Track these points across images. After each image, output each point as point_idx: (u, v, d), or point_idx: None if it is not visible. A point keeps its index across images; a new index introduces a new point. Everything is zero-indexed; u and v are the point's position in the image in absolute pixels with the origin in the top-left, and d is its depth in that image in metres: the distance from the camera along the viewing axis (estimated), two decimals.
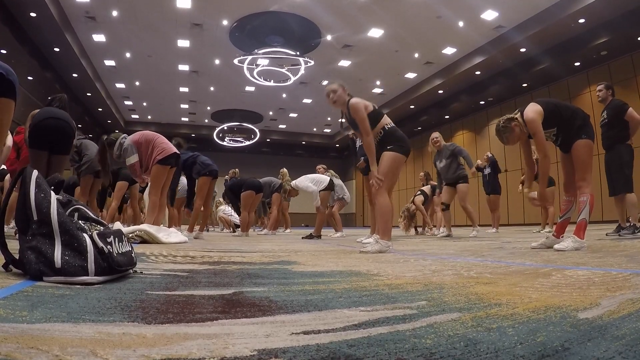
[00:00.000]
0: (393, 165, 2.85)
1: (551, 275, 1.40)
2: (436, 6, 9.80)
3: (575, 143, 2.76)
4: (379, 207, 2.83)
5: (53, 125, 3.44)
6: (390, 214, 2.85)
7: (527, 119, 2.75)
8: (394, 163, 2.85)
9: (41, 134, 3.39)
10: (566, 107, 2.83)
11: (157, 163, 4.07)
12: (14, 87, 2.32)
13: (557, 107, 2.80)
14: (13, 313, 0.76)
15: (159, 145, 4.15)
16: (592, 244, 2.98)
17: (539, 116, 2.73)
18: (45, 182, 1.25)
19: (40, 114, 3.46)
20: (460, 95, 14.82)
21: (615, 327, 0.68)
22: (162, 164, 4.09)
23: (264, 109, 18.87)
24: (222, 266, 1.76)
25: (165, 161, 4.09)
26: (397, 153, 2.86)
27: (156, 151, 4.11)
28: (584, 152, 2.74)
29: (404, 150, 2.89)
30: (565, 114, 2.78)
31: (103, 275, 1.17)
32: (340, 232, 6.64)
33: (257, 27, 11.11)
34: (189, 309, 0.85)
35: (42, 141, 3.41)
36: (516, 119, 2.82)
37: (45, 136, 3.41)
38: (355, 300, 0.98)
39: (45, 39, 10.60)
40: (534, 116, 2.73)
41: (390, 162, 2.84)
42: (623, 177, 4.15)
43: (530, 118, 2.73)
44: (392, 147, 2.87)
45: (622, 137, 4.17)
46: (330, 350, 0.57)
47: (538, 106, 2.77)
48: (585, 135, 2.74)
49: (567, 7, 9.33)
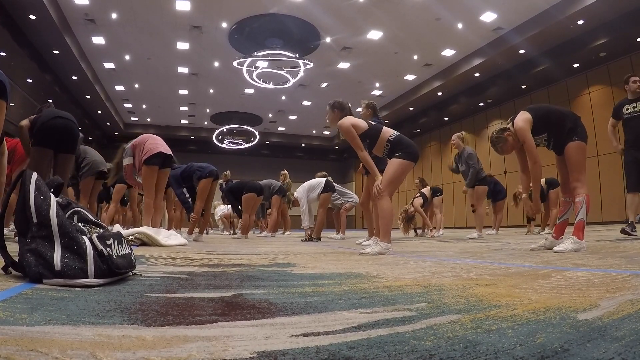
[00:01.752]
0: (399, 171, 2.88)
1: (551, 276, 1.40)
2: (435, 8, 9.81)
3: (567, 146, 2.80)
4: (381, 210, 2.84)
5: (61, 125, 3.43)
6: (392, 216, 2.88)
7: (516, 127, 2.82)
8: (400, 169, 2.88)
9: (48, 133, 3.38)
10: (556, 111, 2.88)
11: (144, 164, 4.11)
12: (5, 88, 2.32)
13: (547, 113, 2.86)
14: (13, 315, 0.76)
15: (146, 147, 4.19)
16: (592, 245, 2.98)
17: (528, 124, 2.80)
18: (45, 185, 1.25)
19: (45, 114, 3.46)
20: (460, 97, 14.83)
21: (615, 328, 0.68)
22: (148, 164, 4.11)
23: (263, 112, 18.87)
24: (222, 268, 1.76)
25: (149, 161, 4.11)
26: (404, 160, 2.88)
27: (142, 152, 4.17)
28: (576, 153, 2.78)
29: (411, 157, 2.92)
30: (554, 118, 2.84)
31: (103, 278, 1.17)
32: (341, 235, 6.64)
33: (256, 30, 11.12)
34: (188, 312, 0.85)
35: (49, 140, 3.39)
36: (508, 129, 2.89)
37: (53, 135, 3.40)
38: (355, 302, 0.98)
39: (45, 42, 10.60)
40: (522, 125, 2.80)
41: (397, 168, 2.87)
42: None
43: (518, 127, 2.81)
44: (400, 154, 2.90)
45: None
46: (329, 352, 0.57)
47: (527, 114, 2.84)
48: (576, 137, 2.78)
49: (566, 9, 9.35)
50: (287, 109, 18.52)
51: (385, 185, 2.82)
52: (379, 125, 3.12)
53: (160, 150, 4.15)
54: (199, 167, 5.47)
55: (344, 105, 3.23)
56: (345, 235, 6.77)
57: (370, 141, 3.00)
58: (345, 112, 3.19)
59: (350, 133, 2.97)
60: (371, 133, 3.00)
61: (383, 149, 2.99)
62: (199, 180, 5.35)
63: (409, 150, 2.92)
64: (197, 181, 5.39)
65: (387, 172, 2.87)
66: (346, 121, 3.03)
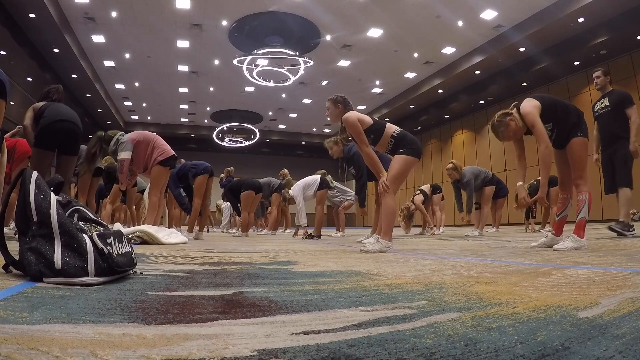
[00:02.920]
0: (404, 167, 2.87)
1: (551, 274, 1.40)
2: (435, 6, 9.80)
3: (571, 141, 2.75)
4: (385, 208, 2.84)
5: (64, 128, 3.40)
6: (394, 215, 2.88)
7: (524, 111, 2.73)
8: (405, 166, 2.87)
9: (51, 135, 3.36)
10: (561, 104, 2.82)
11: (158, 164, 4.14)
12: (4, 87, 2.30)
13: (554, 103, 2.79)
14: (13, 314, 0.76)
15: (159, 147, 4.22)
16: (592, 243, 2.98)
17: (537, 109, 2.72)
18: (45, 184, 1.25)
19: (49, 114, 3.39)
20: (460, 94, 14.83)
21: (615, 326, 0.68)
22: (163, 165, 4.17)
23: (263, 109, 18.87)
24: (222, 266, 1.76)
25: (166, 162, 4.19)
26: (408, 156, 2.87)
27: (157, 152, 4.18)
28: (580, 149, 2.74)
29: (416, 153, 2.90)
30: (560, 110, 2.77)
31: (103, 276, 1.17)
32: (341, 232, 6.64)
33: (257, 28, 11.11)
34: (189, 310, 0.85)
35: (51, 142, 3.38)
36: (512, 113, 2.81)
37: (55, 138, 3.38)
38: (356, 300, 0.98)
39: (45, 40, 10.60)
40: (531, 109, 2.71)
41: (402, 164, 2.86)
42: (626, 170, 4.04)
43: (527, 111, 2.72)
44: (404, 150, 2.89)
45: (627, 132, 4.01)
46: (330, 350, 0.57)
47: (535, 101, 2.76)
48: (580, 133, 2.74)
49: (566, 6, 9.34)
50: (288, 107, 18.51)
51: (391, 181, 2.82)
52: (382, 120, 3.12)
53: (173, 153, 4.30)
54: (193, 164, 5.53)
55: (346, 100, 3.21)
56: (345, 233, 6.77)
57: (375, 136, 2.99)
58: (348, 107, 3.17)
59: (357, 127, 2.95)
60: (376, 128, 2.98)
61: (387, 144, 2.98)
62: (194, 178, 5.39)
63: (413, 146, 2.91)
64: (192, 179, 5.43)
65: (392, 169, 2.86)
66: (352, 115, 3.00)
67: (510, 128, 2.81)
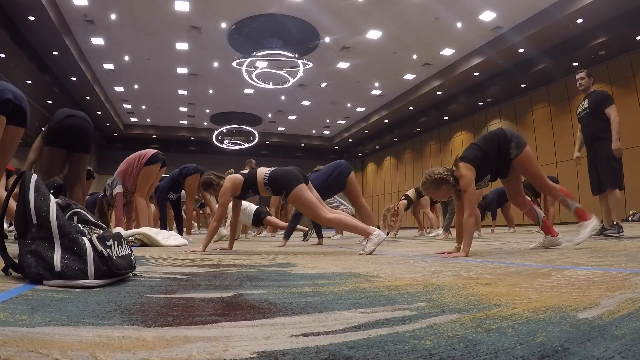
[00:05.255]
0: (307, 201, 2.92)
1: (550, 275, 1.40)
2: (434, 7, 9.82)
3: (513, 163, 2.67)
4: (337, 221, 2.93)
5: (74, 124, 3.39)
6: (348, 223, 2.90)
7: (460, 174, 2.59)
8: (302, 199, 2.92)
9: (61, 132, 3.34)
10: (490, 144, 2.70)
11: (145, 166, 4.41)
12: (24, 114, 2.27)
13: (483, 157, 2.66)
14: (13, 317, 0.76)
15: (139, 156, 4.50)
16: (591, 244, 2.98)
17: (472, 174, 2.59)
18: (45, 186, 1.25)
19: (58, 114, 3.41)
20: (459, 96, 14.83)
21: (615, 327, 0.68)
22: (149, 165, 4.43)
23: (262, 112, 18.86)
24: (222, 269, 1.76)
25: (150, 161, 4.44)
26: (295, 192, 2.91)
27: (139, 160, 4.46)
28: (526, 164, 2.68)
29: (298, 181, 2.95)
30: (491, 155, 2.67)
31: (103, 279, 1.17)
32: (340, 235, 6.63)
33: (256, 30, 11.12)
34: (188, 312, 0.85)
35: (63, 140, 3.36)
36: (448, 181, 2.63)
37: (66, 134, 3.36)
38: (355, 302, 0.98)
39: (44, 43, 10.60)
40: (466, 172, 2.57)
41: (299, 199, 2.93)
42: (612, 171, 3.96)
43: (463, 173, 2.58)
44: (285, 192, 2.95)
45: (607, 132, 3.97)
46: (329, 352, 0.57)
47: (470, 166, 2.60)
48: (516, 151, 2.65)
49: (565, 8, 9.36)
50: (287, 109, 18.51)
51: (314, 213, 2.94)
52: (251, 170, 3.17)
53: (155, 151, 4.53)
54: (182, 168, 5.67)
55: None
56: (344, 235, 6.77)
57: (252, 189, 3.08)
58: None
59: (224, 197, 3.05)
60: (248, 181, 3.07)
61: (265, 190, 3.05)
62: (184, 180, 5.45)
63: (289, 182, 2.93)
64: (183, 181, 5.49)
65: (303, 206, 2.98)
66: (226, 184, 3.09)
67: (440, 192, 2.69)
